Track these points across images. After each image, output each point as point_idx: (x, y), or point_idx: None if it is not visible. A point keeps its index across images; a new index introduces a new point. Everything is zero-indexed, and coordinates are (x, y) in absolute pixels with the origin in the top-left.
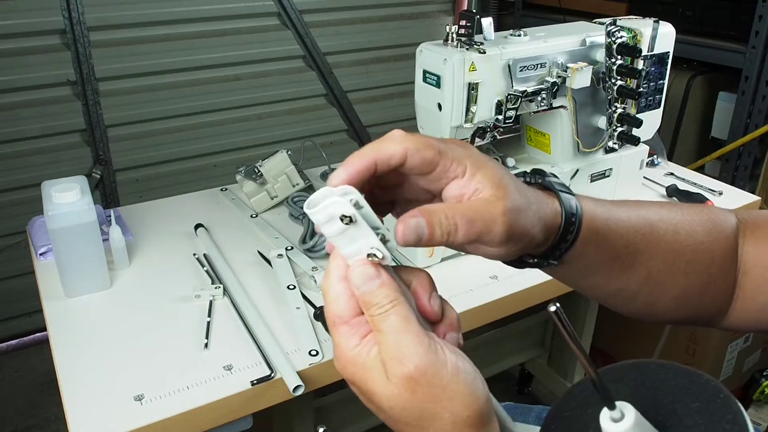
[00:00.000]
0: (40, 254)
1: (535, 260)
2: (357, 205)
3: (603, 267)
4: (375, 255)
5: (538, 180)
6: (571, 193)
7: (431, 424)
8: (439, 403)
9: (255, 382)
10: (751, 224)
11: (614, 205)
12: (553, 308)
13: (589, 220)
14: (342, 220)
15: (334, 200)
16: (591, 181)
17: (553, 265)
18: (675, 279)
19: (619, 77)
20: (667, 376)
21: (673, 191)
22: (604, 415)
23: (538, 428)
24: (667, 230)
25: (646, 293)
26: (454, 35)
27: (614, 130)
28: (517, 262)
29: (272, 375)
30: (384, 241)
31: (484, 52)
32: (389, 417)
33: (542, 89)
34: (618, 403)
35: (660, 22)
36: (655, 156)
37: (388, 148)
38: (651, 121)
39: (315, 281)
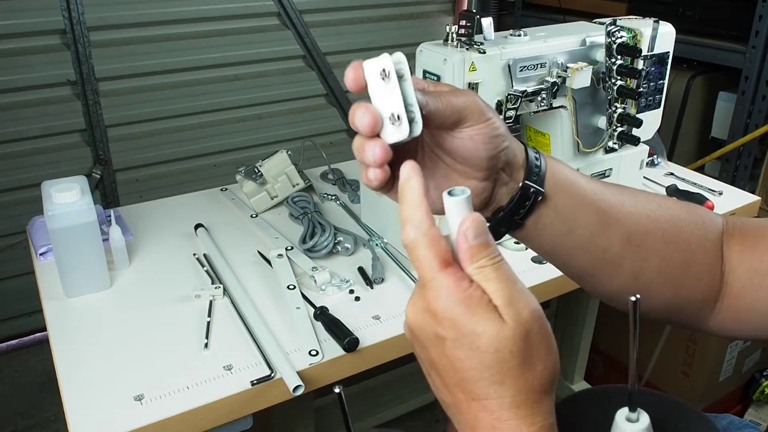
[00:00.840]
0: (40, 254)
1: (521, 185)
2: (399, 73)
3: (583, 215)
4: (396, 118)
5: None
6: None
7: (524, 375)
8: (539, 354)
9: (255, 382)
10: (739, 229)
11: (573, 169)
12: (633, 298)
13: (551, 160)
14: (381, 73)
15: (384, 57)
16: None
17: (540, 194)
18: (655, 244)
19: (619, 77)
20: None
21: (673, 191)
22: (621, 413)
23: None
24: (638, 198)
25: (631, 258)
26: (454, 35)
27: (614, 130)
28: (508, 208)
29: (272, 375)
30: (410, 119)
31: (484, 52)
32: (486, 363)
33: (542, 89)
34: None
35: (660, 22)
36: (655, 156)
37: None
38: (651, 121)
39: (315, 281)
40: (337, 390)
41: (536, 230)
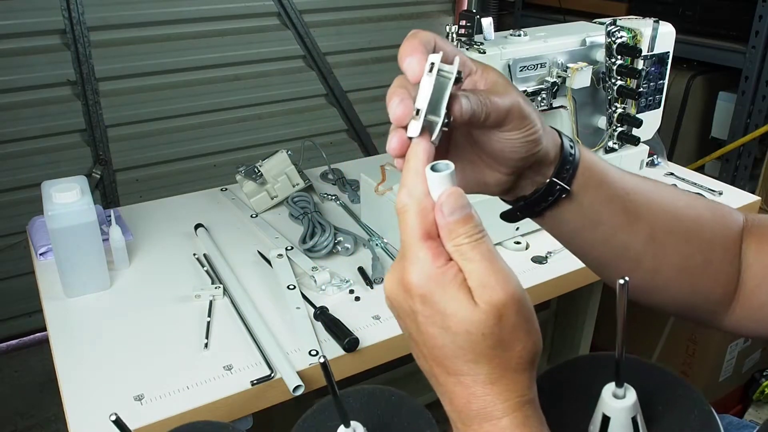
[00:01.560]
0: (40, 254)
1: (548, 181)
2: (442, 72)
3: (609, 212)
4: (415, 114)
5: None
6: None
7: (502, 354)
8: (516, 336)
9: (255, 382)
10: (756, 225)
11: (609, 163)
12: (622, 281)
13: (586, 153)
14: (429, 66)
15: (437, 54)
16: None
17: (566, 191)
18: (677, 243)
19: (619, 77)
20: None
21: None
22: (608, 388)
23: None
24: (665, 196)
25: (650, 256)
26: (454, 35)
27: (614, 130)
28: (531, 199)
29: (272, 375)
30: (434, 121)
31: (484, 52)
32: (457, 343)
33: (542, 89)
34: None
35: (660, 22)
36: (655, 156)
37: (422, 33)
38: (651, 121)
39: (315, 281)
40: (321, 360)
41: (556, 221)
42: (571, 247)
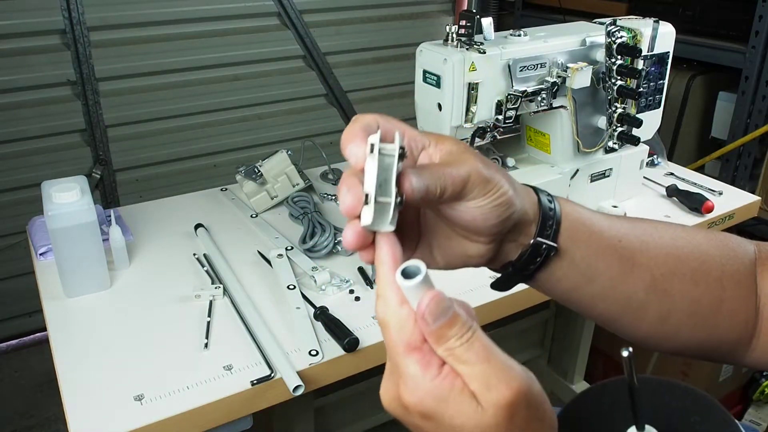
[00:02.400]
0: (40, 254)
1: (532, 242)
2: (383, 151)
3: (602, 265)
4: (366, 201)
5: None
6: None
7: None
8: (531, 425)
9: (255, 382)
10: None
11: (595, 211)
12: (625, 353)
13: (567, 205)
14: (371, 148)
15: (374, 135)
16: (591, 181)
17: (553, 250)
18: (683, 287)
19: (619, 77)
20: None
21: (673, 191)
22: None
23: None
24: (663, 236)
25: (656, 303)
26: (454, 35)
27: (614, 130)
28: (518, 263)
29: (272, 375)
30: (385, 203)
31: (484, 52)
32: None
33: (542, 89)
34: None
35: (660, 22)
36: (655, 156)
37: (365, 118)
38: (651, 121)
39: (315, 281)
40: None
41: (550, 282)
42: (572, 305)
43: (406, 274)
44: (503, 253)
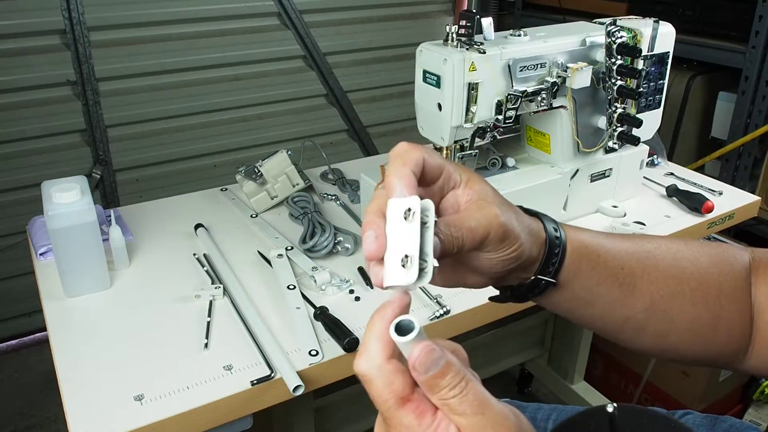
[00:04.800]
0: (40, 254)
1: (532, 278)
2: (423, 220)
3: (603, 291)
4: (408, 261)
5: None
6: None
7: None
8: None
9: (255, 382)
10: (764, 263)
11: (602, 234)
12: (610, 409)
13: (575, 237)
14: (406, 213)
15: (413, 198)
16: (591, 181)
17: (552, 284)
18: (682, 307)
19: (619, 77)
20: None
21: (673, 191)
22: None
23: None
24: (665, 257)
25: (654, 323)
26: (454, 35)
27: (614, 130)
28: (518, 289)
29: (272, 375)
30: (421, 267)
31: (484, 52)
32: None
33: (542, 89)
34: None
35: (660, 22)
36: (655, 156)
37: (412, 154)
38: (651, 121)
39: (315, 281)
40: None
41: (548, 305)
42: (570, 319)
43: (399, 329)
44: (503, 280)
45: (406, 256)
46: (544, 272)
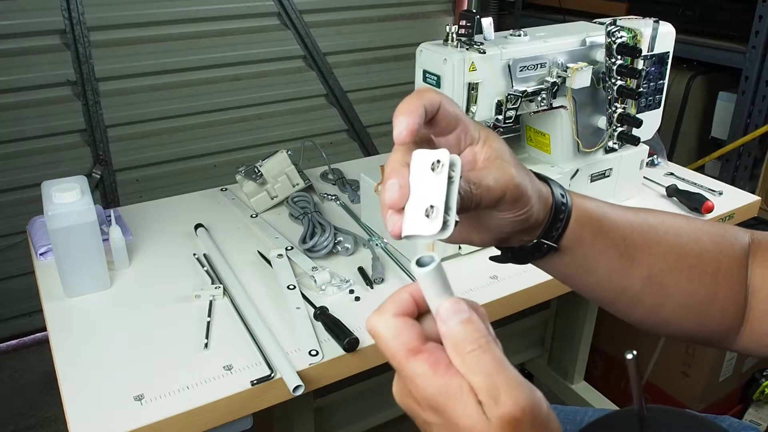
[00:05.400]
0: (40, 254)
1: (535, 241)
2: (449, 175)
3: (603, 260)
4: (432, 211)
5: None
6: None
7: None
8: None
9: (255, 382)
10: (763, 245)
11: (608, 204)
12: (630, 356)
13: (580, 204)
14: (433, 164)
15: (443, 151)
16: (591, 181)
17: (554, 249)
18: (679, 283)
19: (619, 77)
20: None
21: (673, 191)
22: None
23: None
24: (667, 232)
25: (650, 295)
26: (454, 35)
27: (614, 130)
28: (519, 251)
29: (272, 375)
30: (444, 221)
31: (484, 52)
32: None
33: (542, 89)
34: None
35: (660, 22)
36: (655, 156)
37: (429, 94)
38: (651, 121)
39: (315, 281)
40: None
41: (547, 269)
42: (568, 285)
43: (421, 264)
44: (507, 241)
45: (432, 207)
46: (547, 236)
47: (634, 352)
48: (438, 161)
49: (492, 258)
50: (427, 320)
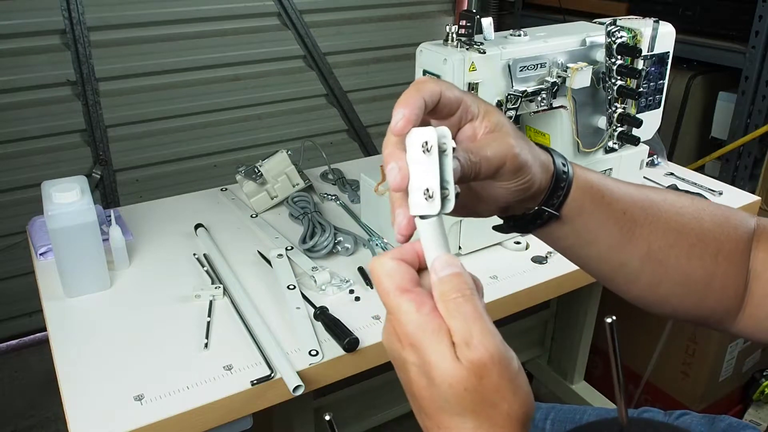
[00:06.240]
0: (40, 254)
1: (536, 209)
2: (442, 148)
3: (603, 232)
4: (429, 195)
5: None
6: None
7: (486, 411)
8: (501, 395)
9: (255, 382)
10: (767, 233)
11: (610, 178)
12: (609, 320)
13: (582, 174)
14: (423, 146)
15: (428, 129)
16: None
17: (555, 217)
18: (678, 260)
19: (619, 77)
20: None
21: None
22: None
23: None
24: (669, 209)
25: (649, 272)
26: (454, 35)
27: (614, 130)
28: (522, 219)
29: (272, 375)
30: (443, 196)
31: (484, 52)
32: (442, 395)
33: (542, 89)
34: None
35: (660, 22)
36: (655, 156)
37: (429, 86)
38: (651, 121)
39: (315, 281)
40: (327, 417)
41: (549, 238)
42: (568, 258)
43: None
44: (510, 210)
45: (428, 190)
46: (549, 204)
47: (614, 317)
48: (426, 142)
49: (495, 227)
50: (425, 276)
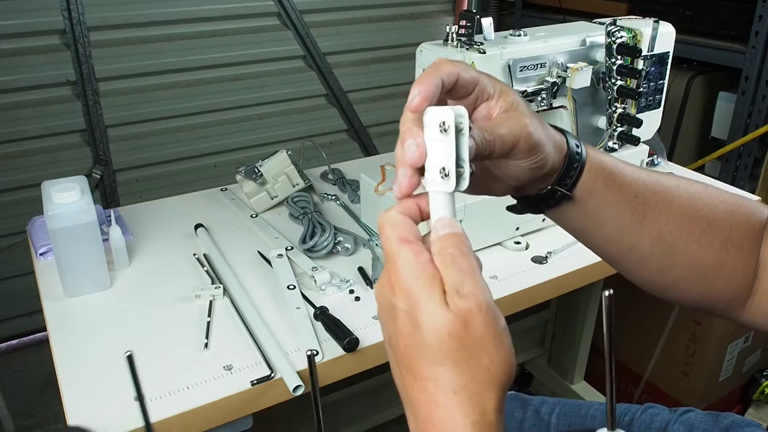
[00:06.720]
0: (40, 254)
1: (549, 188)
2: (459, 127)
3: (614, 214)
4: (445, 173)
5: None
6: None
7: (465, 362)
8: (483, 347)
9: (255, 382)
10: None
11: (623, 162)
12: (607, 293)
13: (595, 156)
14: (441, 125)
15: (446, 109)
16: None
17: (567, 197)
18: (688, 246)
19: (619, 77)
20: None
21: None
22: None
23: None
24: (681, 195)
25: (659, 256)
26: (454, 35)
27: (614, 130)
28: (534, 199)
29: (272, 375)
30: (458, 174)
31: (484, 52)
32: (426, 340)
33: (542, 89)
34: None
35: (660, 22)
36: (655, 156)
37: (446, 66)
38: (651, 121)
39: (315, 281)
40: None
41: (560, 218)
42: (579, 240)
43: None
44: (523, 190)
45: (444, 168)
46: (561, 184)
47: (611, 291)
48: (444, 122)
49: (508, 207)
50: (427, 240)
